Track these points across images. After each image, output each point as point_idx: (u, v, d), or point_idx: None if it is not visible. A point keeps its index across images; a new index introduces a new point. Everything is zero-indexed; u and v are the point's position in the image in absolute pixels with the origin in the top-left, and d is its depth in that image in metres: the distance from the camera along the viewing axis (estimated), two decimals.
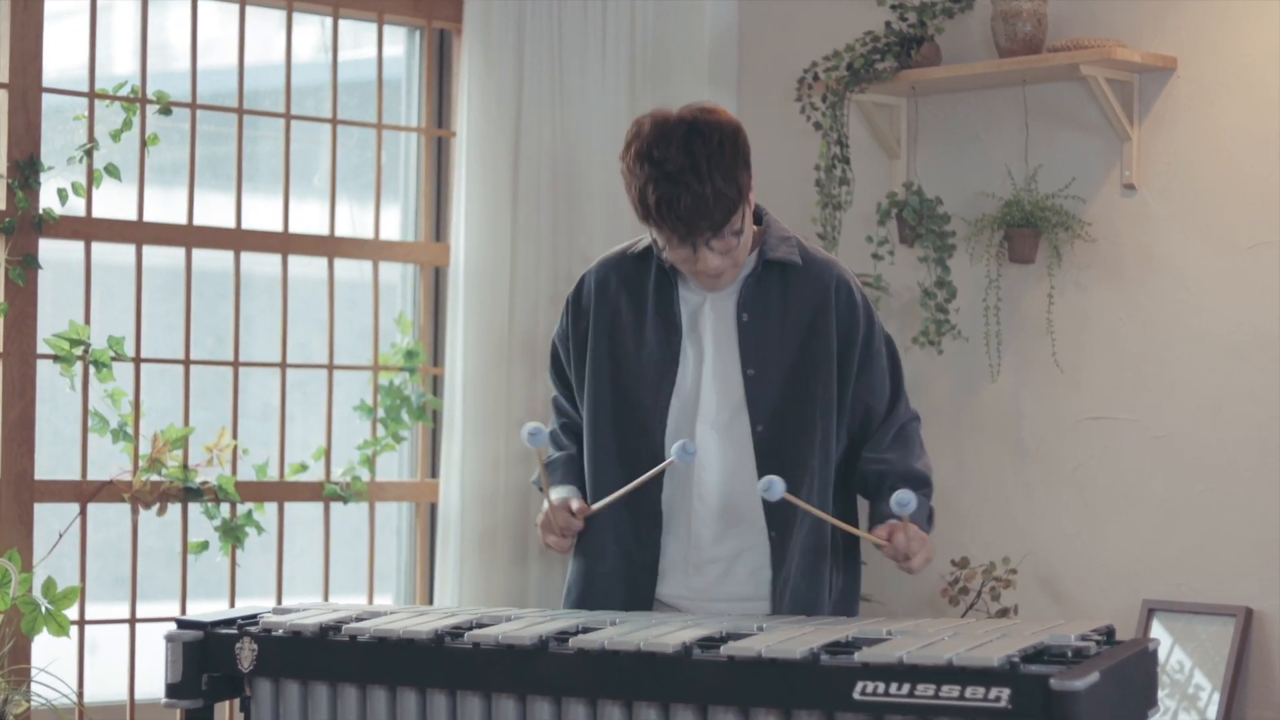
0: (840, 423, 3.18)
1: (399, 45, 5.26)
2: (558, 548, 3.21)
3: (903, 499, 2.90)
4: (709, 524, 3.18)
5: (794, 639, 2.65)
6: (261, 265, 4.99)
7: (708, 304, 3.19)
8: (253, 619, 3.05)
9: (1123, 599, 4.68)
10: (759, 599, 3.20)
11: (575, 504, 3.20)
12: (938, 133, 5.06)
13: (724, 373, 3.16)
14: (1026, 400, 4.90)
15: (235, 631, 2.99)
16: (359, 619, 2.97)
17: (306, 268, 5.03)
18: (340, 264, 5.06)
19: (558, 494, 3.24)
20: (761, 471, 3.12)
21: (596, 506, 3.18)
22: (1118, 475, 4.74)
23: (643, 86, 5.26)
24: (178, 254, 4.81)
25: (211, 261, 4.90)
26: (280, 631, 2.96)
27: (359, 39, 5.21)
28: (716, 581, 3.19)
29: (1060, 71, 4.66)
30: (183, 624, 3.04)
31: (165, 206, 4.83)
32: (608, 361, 3.21)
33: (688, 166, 2.97)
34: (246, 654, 2.97)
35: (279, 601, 4.85)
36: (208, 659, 3.01)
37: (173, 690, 3.02)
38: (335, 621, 2.94)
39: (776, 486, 2.97)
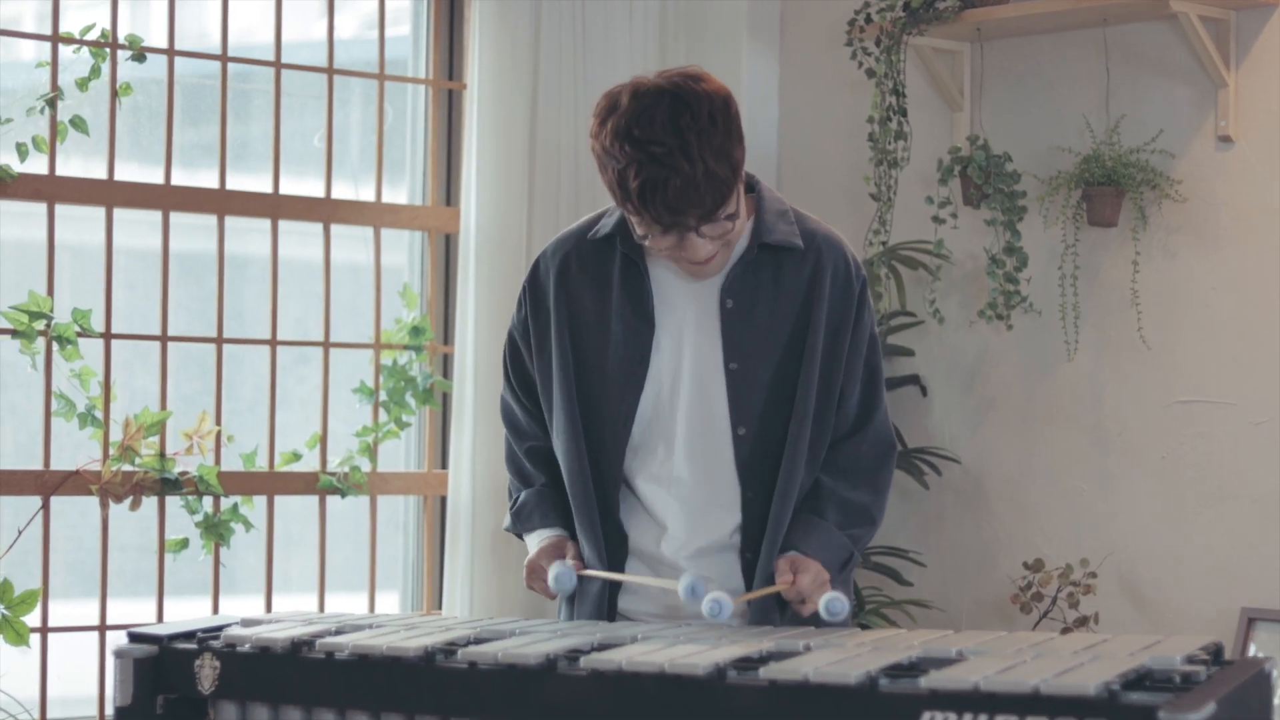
0: (827, 423, 3.07)
1: None
2: (546, 594, 3.10)
3: (833, 608, 2.86)
4: (679, 538, 3.06)
5: (847, 660, 2.45)
6: (252, 239, 4.91)
7: (686, 290, 3.05)
8: (215, 632, 2.88)
9: (1218, 606, 4.54)
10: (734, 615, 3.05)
11: (570, 556, 3.08)
12: (1006, 80, 4.94)
13: (703, 368, 3.04)
14: (1107, 381, 4.76)
15: (195, 647, 2.82)
16: (338, 632, 2.80)
17: (303, 240, 4.96)
18: (340, 234, 4.97)
19: (537, 541, 3.14)
20: (743, 482, 3.02)
21: (590, 574, 3.08)
22: (1212, 466, 4.59)
23: (674, 29, 5.19)
24: (154, 219, 4.69)
25: (195, 233, 4.80)
26: (246, 647, 2.79)
27: (369, 17, 5.10)
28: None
29: (1146, 9, 4.53)
30: (135, 637, 2.88)
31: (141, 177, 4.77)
32: (571, 361, 3.06)
33: (676, 147, 2.82)
34: (208, 673, 2.81)
35: (269, 607, 4.81)
36: (163, 679, 2.85)
37: (123, 715, 2.85)
38: (309, 636, 2.76)
39: (725, 609, 2.87)
